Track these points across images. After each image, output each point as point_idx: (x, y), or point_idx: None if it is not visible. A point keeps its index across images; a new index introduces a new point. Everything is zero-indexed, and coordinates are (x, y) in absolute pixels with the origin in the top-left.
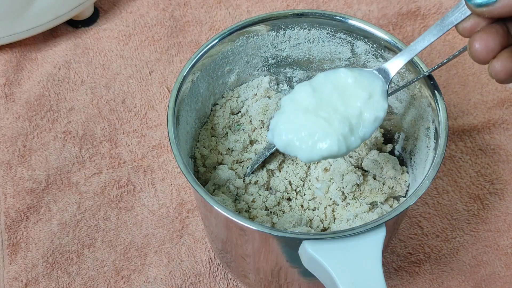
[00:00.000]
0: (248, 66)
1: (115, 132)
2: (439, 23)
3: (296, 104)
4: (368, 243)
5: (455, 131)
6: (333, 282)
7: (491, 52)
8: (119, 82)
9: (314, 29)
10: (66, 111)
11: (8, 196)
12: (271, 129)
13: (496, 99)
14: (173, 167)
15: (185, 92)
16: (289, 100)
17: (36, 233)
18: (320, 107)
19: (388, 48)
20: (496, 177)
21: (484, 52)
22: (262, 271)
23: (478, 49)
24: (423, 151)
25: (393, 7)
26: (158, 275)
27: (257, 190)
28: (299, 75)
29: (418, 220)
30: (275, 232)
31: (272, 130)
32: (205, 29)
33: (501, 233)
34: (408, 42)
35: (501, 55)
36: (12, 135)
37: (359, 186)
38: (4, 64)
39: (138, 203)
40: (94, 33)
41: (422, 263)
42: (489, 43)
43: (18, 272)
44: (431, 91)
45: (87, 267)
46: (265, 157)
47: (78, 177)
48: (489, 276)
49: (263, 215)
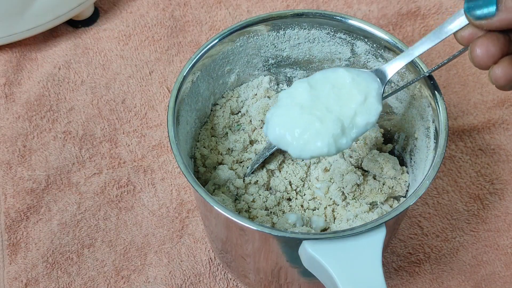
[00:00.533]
0: (248, 66)
1: (115, 132)
2: (437, 30)
3: (292, 99)
4: (368, 243)
5: (455, 131)
6: (333, 282)
7: (491, 58)
8: (119, 82)
9: (314, 29)
10: (66, 111)
11: (8, 196)
12: (266, 121)
13: (496, 99)
14: (173, 167)
15: (185, 92)
16: (286, 94)
17: (36, 233)
18: (316, 105)
19: (388, 48)
20: (496, 177)
21: (485, 58)
22: (262, 271)
23: (479, 55)
24: (423, 151)
25: (393, 7)
26: (158, 275)
27: (257, 190)
28: (299, 75)
29: (418, 220)
30: (275, 232)
31: (267, 122)
32: (205, 29)
33: (501, 233)
34: (408, 42)
35: (502, 61)
36: (12, 135)
37: (359, 186)
38: (4, 64)
39: (138, 203)
40: (94, 33)
41: (422, 263)
42: (490, 49)
43: (18, 272)
44: (431, 91)
45: (87, 267)
46: (265, 157)
47: (78, 177)
48: (489, 276)
49: (263, 215)
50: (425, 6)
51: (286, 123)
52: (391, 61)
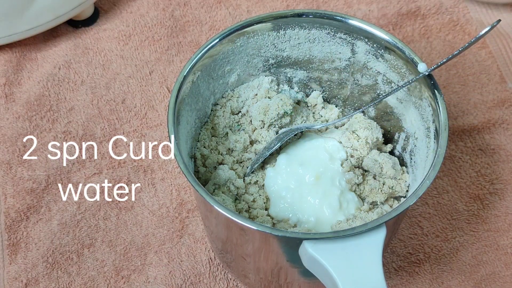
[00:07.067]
0: (248, 66)
1: (115, 132)
2: None
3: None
4: (368, 243)
5: (455, 131)
6: (334, 282)
7: None
8: (119, 82)
9: (314, 29)
10: (66, 111)
11: (8, 196)
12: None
13: (496, 99)
14: (173, 167)
15: (185, 92)
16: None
17: (36, 233)
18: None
19: (388, 48)
20: (496, 177)
21: None
22: (262, 271)
23: None
24: (423, 151)
25: (393, 7)
26: (158, 275)
27: (257, 190)
28: (299, 75)
29: (418, 220)
30: (276, 231)
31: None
32: (205, 29)
33: (501, 233)
34: (408, 42)
35: None
36: (12, 135)
37: (359, 186)
38: (4, 64)
39: (138, 203)
40: (94, 33)
41: (422, 263)
42: None
43: (18, 272)
44: (431, 91)
45: (87, 267)
46: (265, 157)
47: (78, 177)
48: (489, 276)
49: (263, 215)
50: (425, 6)
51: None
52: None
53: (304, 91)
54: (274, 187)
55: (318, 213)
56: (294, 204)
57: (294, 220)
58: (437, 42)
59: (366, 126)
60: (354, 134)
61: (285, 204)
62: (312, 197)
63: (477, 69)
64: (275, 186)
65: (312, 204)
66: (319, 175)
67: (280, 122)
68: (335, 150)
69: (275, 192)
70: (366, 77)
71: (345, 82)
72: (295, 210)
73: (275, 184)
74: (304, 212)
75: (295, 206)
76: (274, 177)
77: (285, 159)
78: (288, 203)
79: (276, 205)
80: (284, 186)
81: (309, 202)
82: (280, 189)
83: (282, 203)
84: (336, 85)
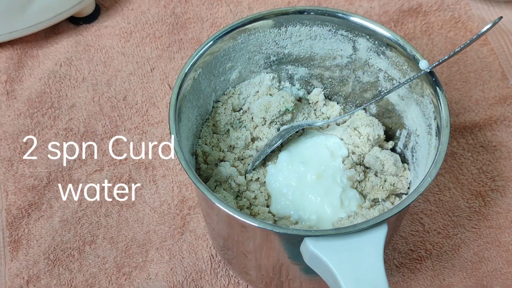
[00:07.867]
0: (249, 63)
1: (117, 129)
2: None
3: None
4: (370, 240)
5: (456, 128)
6: (335, 279)
7: None
8: (120, 79)
9: (315, 26)
10: (68, 108)
11: (10, 193)
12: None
13: (498, 96)
14: (175, 164)
15: (187, 89)
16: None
17: (38, 230)
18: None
19: (389, 45)
20: (498, 174)
21: None
22: (263, 268)
23: None
24: (425, 148)
25: (395, 3)
26: (159, 272)
27: (258, 187)
28: (300, 72)
29: (419, 217)
30: (277, 229)
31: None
32: (207, 26)
33: (502, 230)
34: (410, 39)
35: None
36: (14, 132)
37: (360, 183)
38: (6, 61)
39: (139, 200)
40: (95, 30)
41: (424, 260)
42: None
43: (19, 269)
44: (433, 88)
45: (89, 264)
46: (266, 154)
47: (80, 174)
48: (491, 272)
49: (265, 212)
50: (427, 2)
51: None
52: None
53: (306, 88)
54: (276, 184)
55: (320, 211)
56: (295, 201)
57: (296, 217)
58: (438, 39)
59: (368, 123)
60: (355, 131)
61: (286, 201)
62: (314, 194)
63: (479, 66)
64: (277, 183)
65: (313, 202)
66: (321, 173)
67: (282, 119)
68: (336, 147)
69: (277, 189)
70: (367, 74)
71: (347, 79)
72: (297, 208)
73: (276, 181)
74: (306, 209)
75: (296, 203)
76: (275, 174)
77: (287, 156)
78: (289, 200)
79: (278, 202)
80: (285, 183)
81: (311, 199)
82: (281, 186)
83: (283, 200)
84: (337, 82)
